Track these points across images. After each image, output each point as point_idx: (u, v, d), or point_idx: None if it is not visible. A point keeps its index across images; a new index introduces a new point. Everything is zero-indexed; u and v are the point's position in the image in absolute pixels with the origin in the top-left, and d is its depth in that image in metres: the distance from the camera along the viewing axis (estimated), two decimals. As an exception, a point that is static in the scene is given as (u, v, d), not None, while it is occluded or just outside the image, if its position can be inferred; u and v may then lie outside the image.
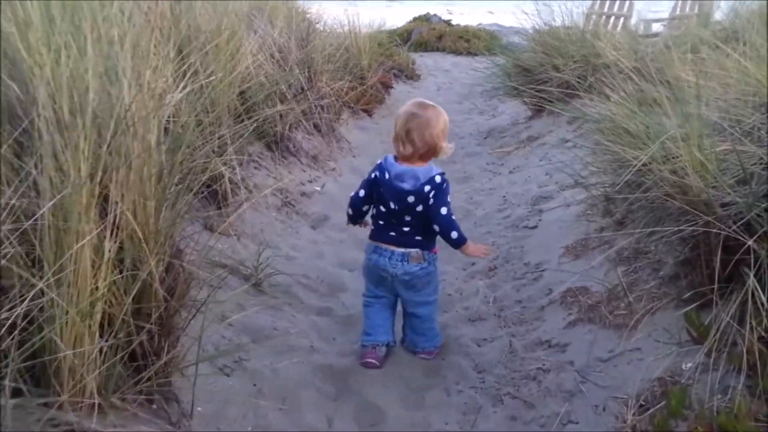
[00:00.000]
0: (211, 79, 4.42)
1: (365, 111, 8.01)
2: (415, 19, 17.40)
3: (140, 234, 2.43)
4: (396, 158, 3.27)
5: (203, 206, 4.33)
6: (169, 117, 3.10)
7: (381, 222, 3.31)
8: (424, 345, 3.43)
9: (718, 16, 10.23)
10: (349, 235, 4.89)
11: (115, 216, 2.38)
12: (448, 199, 3.20)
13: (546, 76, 6.96)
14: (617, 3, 11.26)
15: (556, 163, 5.77)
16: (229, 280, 3.76)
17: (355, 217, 3.48)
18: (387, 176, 3.20)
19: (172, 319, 2.74)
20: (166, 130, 3.55)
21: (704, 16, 9.98)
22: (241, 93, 5.19)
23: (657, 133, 3.61)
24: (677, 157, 2.99)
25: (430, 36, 15.30)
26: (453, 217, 3.21)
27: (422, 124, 3.16)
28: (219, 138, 4.50)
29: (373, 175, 3.30)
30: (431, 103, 3.32)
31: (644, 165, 3.55)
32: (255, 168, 5.12)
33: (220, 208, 4.39)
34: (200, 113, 4.37)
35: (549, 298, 3.74)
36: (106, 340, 2.32)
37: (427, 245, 3.29)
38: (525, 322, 3.66)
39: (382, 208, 3.27)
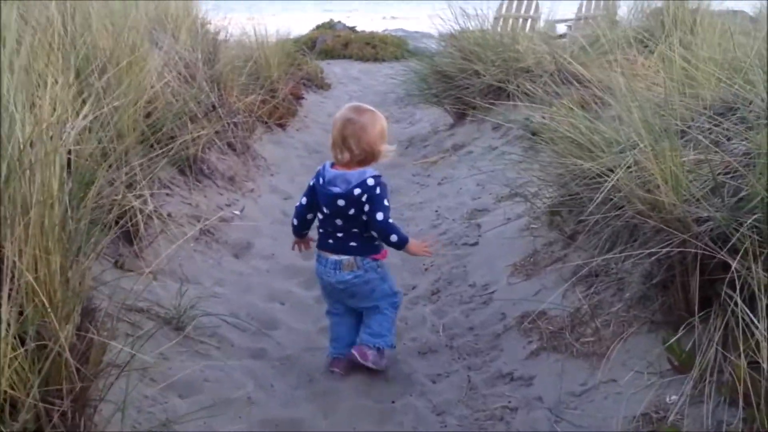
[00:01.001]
0: (116, 104, 3.98)
1: (279, 125, 7.62)
2: (318, 26, 17.04)
3: (44, 298, 2.01)
4: (333, 164, 3.18)
5: (113, 244, 3.88)
6: (70, 151, 2.67)
7: (321, 230, 3.25)
8: (366, 339, 3.24)
9: (621, 15, 10.34)
10: (275, 263, 4.52)
11: (13, 277, 1.96)
12: (386, 203, 3.10)
13: (468, 82, 6.73)
14: (524, 5, 11.23)
15: (487, 173, 5.54)
16: (148, 326, 3.34)
17: (300, 227, 3.36)
18: (321, 181, 3.14)
19: (88, 391, 2.32)
20: (68, 165, 3.15)
21: (611, 16, 10.02)
22: (148, 115, 4.74)
23: (610, 142, 3.40)
24: (643, 169, 2.75)
25: (336, 43, 14.98)
26: (390, 220, 3.11)
27: (358, 129, 3.08)
28: (128, 168, 4.07)
29: (312, 182, 3.23)
30: (367, 106, 3.24)
31: (598, 176, 3.34)
32: (167, 195, 4.68)
33: (132, 244, 3.95)
34: (105, 142, 3.94)
35: (503, 324, 3.46)
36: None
37: (364, 251, 3.17)
38: (481, 353, 3.36)
39: (320, 215, 3.22)
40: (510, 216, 4.51)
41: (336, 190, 3.08)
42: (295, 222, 3.34)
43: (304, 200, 3.27)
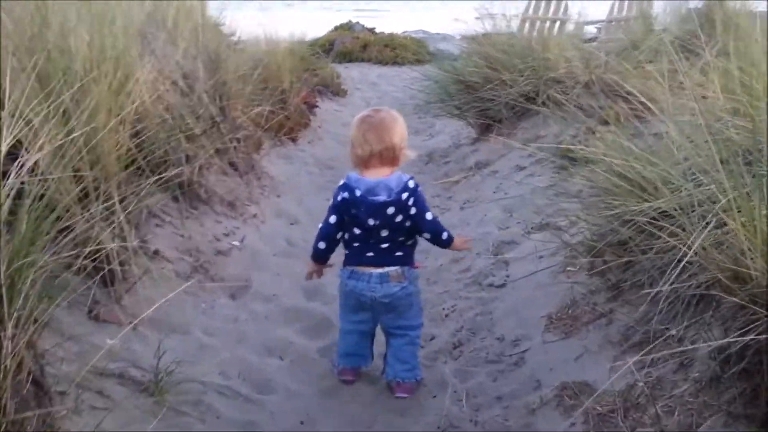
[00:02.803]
0: (93, 124, 3.48)
1: (289, 137, 7.10)
2: (337, 28, 16.55)
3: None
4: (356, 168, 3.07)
5: (89, 290, 3.37)
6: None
7: (356, 244, 3.07)
8: (404, 375, 3.15)
9: (655, 16, 9.71)
10: (276, 305, 3.99)
11: None
12: (427, 203, 3.09)
13: (493, 93, 6.16)
14: (552, 5, 10.62)
15: (514, 197, 4.99)
16: (120, 394, 2.85)
17: (327, 251, 3.17)
18: (358, 193, 2.97)
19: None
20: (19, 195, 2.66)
21: (645, 19, 9.39)
22: (136, 134, 4.23)
23: (666, 180, 2.85)
24: (723, 226, 2.19)
25: (354, 46, 14.48)
26: (437, 218, 3.12)
27: (376, 124, 3.00)
28: (105, 196, 3.57)
29: (340, 197, 3.03)
30: (385, 107, 3.18)
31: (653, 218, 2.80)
32: (157, 226, 4.16)
33: (108, 287, 3.44)
34: (78, 167, 3.44)
35: (539, 395, 2.90)
36: None
37: (408, 261, 3.10)
38: (513, 434, 2.82)
39: (356, 230, 3.04)
40: (542, 252, 3.95)
41: (382, 198, 2.95)
42: (322, 245, 3.14)
43: (333, 218, 3.07)
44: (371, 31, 16.33)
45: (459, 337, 3.56)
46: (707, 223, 2.25)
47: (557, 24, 10.44)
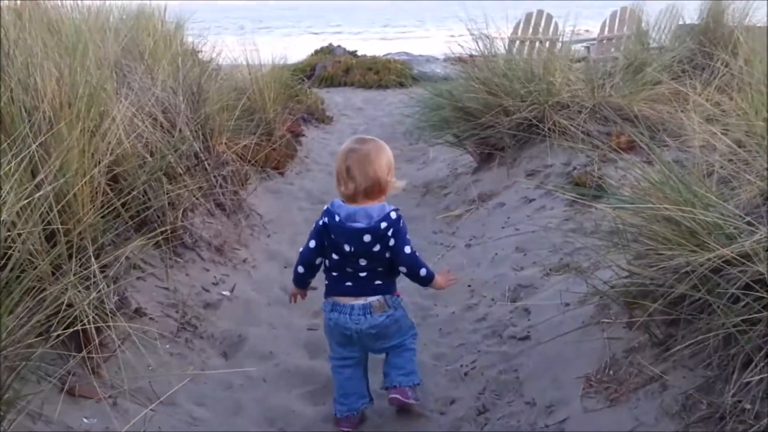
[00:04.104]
0: (61, 180, 3.07)
1: (276, 170, 6.70)
2: (317, 51, 16.22)
3: None
4: (344, 201, 2.99)
5: (61, 359, 2.95)
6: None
7: (334, 274, 3.02)
8: (401, 379, 3.10)
9: (652, 34, 9.45)
10: (274, 366, 3.58)
11: None
12: (407, 237, 3.00)
13: (494, 120, 5.80)
14: (542, 25, 10.36)
15: (526, 233, 4.62)
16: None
17: (307, 275, 3.13)
18: (337, 218, 2.93)
19: None
20: None
21: (641, 37, 9.12)
22: (114, 178, 3.83)
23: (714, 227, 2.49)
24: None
25: (336, 69, 14.14)
26: (417, 253, 3.03)
27: (361, 158, 2.92)
28: (79, 252, 3.15)
29: (321, 222, 3.00)
30: (371, 137, 3.09)
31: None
32: (138, 278, 3.74)
33: (84, 354, 3.02)
34: (46, 219, 3.03)
35: (589, 479, 2.51)
36: None
37: (388, 289, 3.03)
38: None
39: (335, 256, 2.98)
40: (567, 299, 3.57)
41: (359, 225, 2.89)
42: (301, 270, 3.11)
43: (312, 243, 3.04)
44: (353, 54, 16.00)
45: (483, 401, 3.16)
46: None
47: (547, 44, 10.16)
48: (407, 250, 2.96)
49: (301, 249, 3.11)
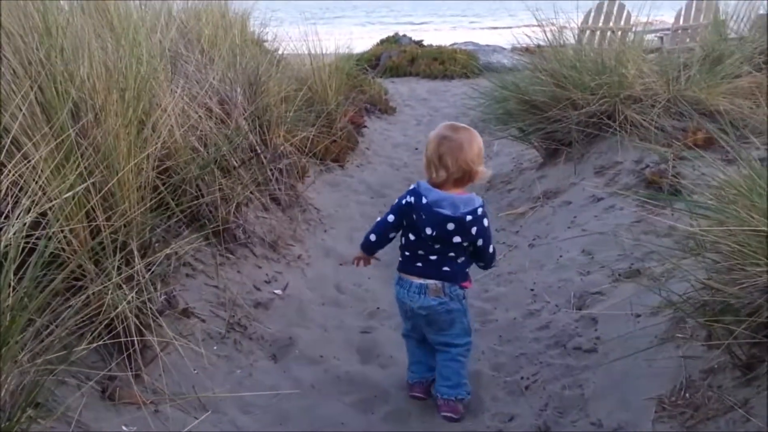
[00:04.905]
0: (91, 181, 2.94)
1: (336, 162, 6.55)
2: (382, 41, 16.03)
3: None
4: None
5: (103, 362, 2.85)
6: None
7: (407, 253, 3.04)
8: (445, 391, 3.09)
9: (731, 24, 8.99)
10: (324, 371, 3.42)
11: None
12: (491, 235, 3.02)
13: (562, 114, 5.53)
14: (614, 14, 9.96)
15: (594, 235, 4.36)
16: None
17: (377, 245, 3.17)
18: (425, 200, 2.92)
19: None
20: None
21: (718, 27, 8.66)
22: (165, 171, 3.72)
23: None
24: None
25: (401, 60, 13.94)
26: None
27: (455, 147, 2.89)
28: (124, 247, 3.05)
29: (404, 201, 3.01)
30: (463, 125, 3.06)
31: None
32: (187, 275, 3.63)
33: (127, 360, 2.91)
34: (92, 215, 2.93)
35: None
36: None
37: (454, 278, 3.00)
38: None
39: (411, 237, 3.00)
40: (638, 309, 3.32)
41: (445, 212, 2.89)
42: (373, 238, 3.14)
43: (391, 217, 3.06)
44: (418, 44, 15.77)
45: (545, 419, 2.94)
46: None
47: (619, 34, 9.76)
48: (491, 249, 3.01)
49: (377, 219, 3.14)
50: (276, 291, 4.01)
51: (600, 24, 10.07)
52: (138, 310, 2.91)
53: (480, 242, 2.95)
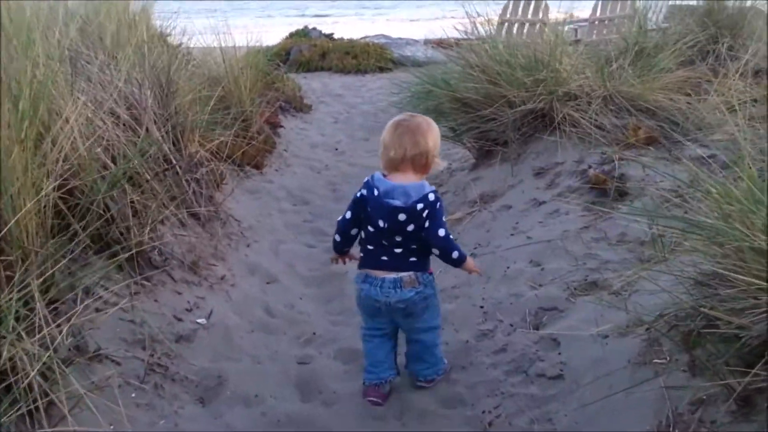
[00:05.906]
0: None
1: (254, 166, 6.11)
2: (292, 35, 15.55)
3: None
4: (384, 175, 2.98)
5: (-3, 426, 2.38)
6: None
7: (370, 247, 3.03)
8: (426, 373, 3.19)
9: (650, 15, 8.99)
10: (261, 414, 3.03)
11: None
12: (444, 219, 2.97)
13: (497, 112, 5.26)
14: (531, 6, 9.82)
15: (540, 242, 4.10)
16: None
17: (343, 245, 3.16)
18: (375, 192, 2.93)
19: None
20: None
21: (639, 18, 8.59)
22: (69, 191, 3.25)
23: None
24: None
25: (313, 54, 13.52)
26: (450, 236, 3.00)
27: (413, 127, 2.93)
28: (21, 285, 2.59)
29: (359, 194, 3.01)
30: (418, 114, 3.11)
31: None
32: (97, 310, 3.16)
33: (29, 421, 2.45)
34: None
35: None
36: None
37: (422, 266, 3.03)
38: None
39: (371, 229, 2.99)
40: (603, 329, 3.05)
41: (396, 203, 2.90)
42: (338, 238, 3.14)
43: (348, 214, 3.06)
44: (329, 37, 15.36)
45: (514, 460, 2.64)
46: None
47: (537, 26, 9.63)
48: (441, 233, 2.92)
49: (338, 219, 3.11)
50: (199, 320, 3.57)
51: (518, 16, 9.90)
52: (41, 362, 2.45)
53: (426, 224, 2.90)
